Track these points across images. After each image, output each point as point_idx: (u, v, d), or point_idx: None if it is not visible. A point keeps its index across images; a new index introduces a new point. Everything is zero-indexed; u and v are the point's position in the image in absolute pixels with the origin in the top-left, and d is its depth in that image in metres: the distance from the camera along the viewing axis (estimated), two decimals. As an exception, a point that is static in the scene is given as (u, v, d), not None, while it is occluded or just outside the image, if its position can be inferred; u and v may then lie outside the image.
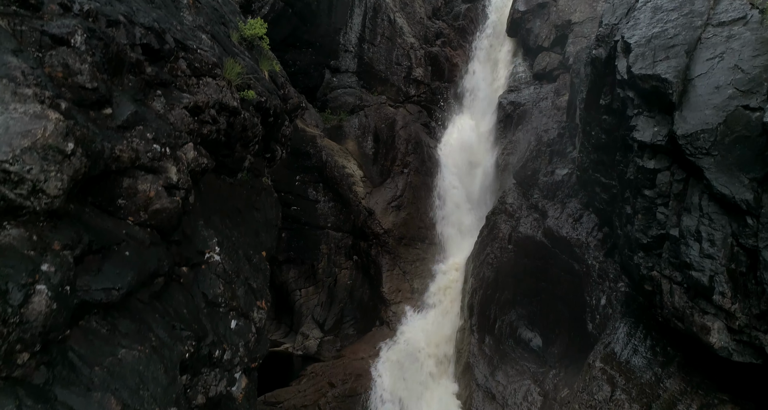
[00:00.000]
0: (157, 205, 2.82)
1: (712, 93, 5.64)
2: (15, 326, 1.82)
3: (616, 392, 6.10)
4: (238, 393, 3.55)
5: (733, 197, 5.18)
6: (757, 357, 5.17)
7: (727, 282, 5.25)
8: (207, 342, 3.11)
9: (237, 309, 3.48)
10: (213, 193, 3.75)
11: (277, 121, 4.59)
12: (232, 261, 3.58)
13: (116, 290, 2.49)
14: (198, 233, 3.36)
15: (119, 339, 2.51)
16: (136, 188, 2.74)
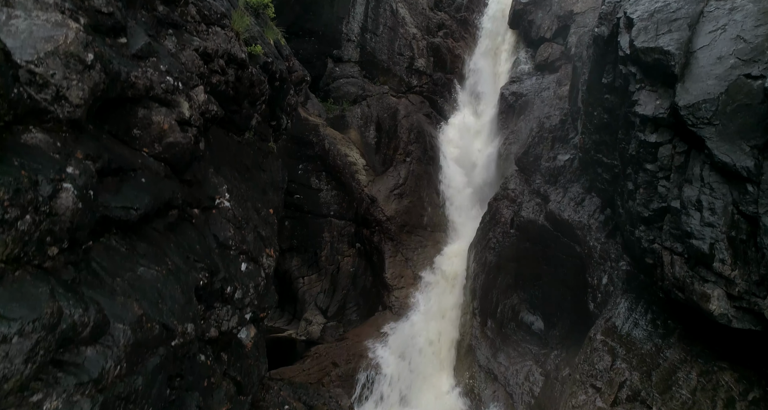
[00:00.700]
0: (171, 138, 2.90)
1: (714, 64, 5.69)
2: (45, 216, 1.89)
3: (617, 361, 6.17)
4: (248, 341, 3.64)
5: (734, 165, 5.24)
6: (756, 324, 5.23)
7: (727, 249, 5.31)
8: (219, 277, 3.19)
9: (247, 253, 3.57)
10: (222, 147, 3.84)
11: (283, 87, 4.66)
12: (242, 209, 3.66)
13: (134, 210, 2.57)
14: (208, 180, 3.44)
15: (138, 258, 2.59)
16: (151, 119, 2.82)
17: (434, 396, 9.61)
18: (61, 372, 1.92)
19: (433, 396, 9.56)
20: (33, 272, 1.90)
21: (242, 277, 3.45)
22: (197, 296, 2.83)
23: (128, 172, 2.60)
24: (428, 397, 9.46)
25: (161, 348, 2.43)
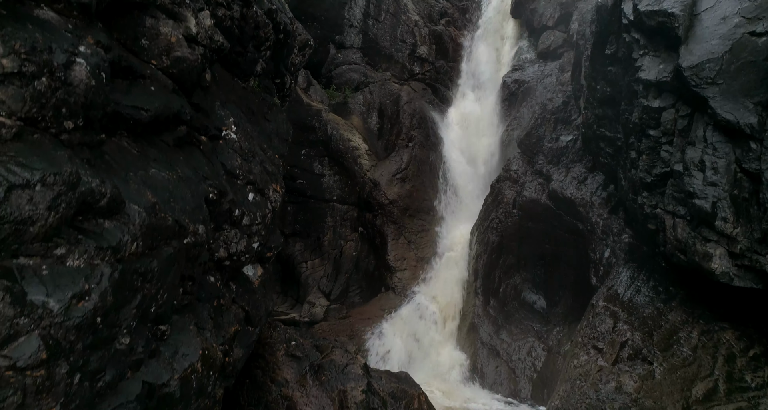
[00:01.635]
0: (178, 52, 2.93)
1: (718, 24, 5.70)
2: (61, 83, 1.93)
3: (619, 324, 6.20)
4: (255, 279, 3.68)
5: (737, 122, 5.25)
6: (758, 282, 5.24)
7: (729, 207, 5.33)
8: (227, 199, 3.23)
9: (254, 184, 3.61)
10: (227, 87, 3.87)
11: (287, 41, 4.69)
12: (248, 144, 3.70)
13: (144, 111, 2.60)
14: (215, 111, 3.48)
15: (149, 161, 2.63)
16: (159, 30, 2.85)
17: (436, 371, 9.66)
18: (81, 235, 1.96)
19: (435, 372, 9.61)
20: (51, 140, 1.95)
21: (250, 205, 3.48)
22: (208, 211, 2.87)
23: (138, 78, 2.63)
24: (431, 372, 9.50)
25: (174, 241, 2.47)
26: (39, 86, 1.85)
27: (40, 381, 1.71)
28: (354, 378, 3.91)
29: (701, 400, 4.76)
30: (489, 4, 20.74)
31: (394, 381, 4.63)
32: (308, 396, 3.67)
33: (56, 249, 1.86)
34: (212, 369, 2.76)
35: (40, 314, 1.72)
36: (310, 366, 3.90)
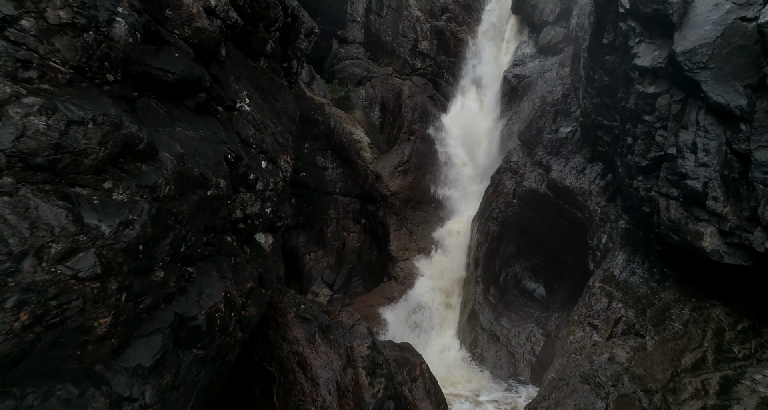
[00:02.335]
0: (199, 23, 3.16)
1: (710, 10, 5.89)
2: (104, 37, 2.16)
3: (613, 302, 6.41)
4: (266, 246, 3.91)
5: (728, 105, 5.45)
6: (747, 259, 5.44)
7: (720, 187, 5.53)
8: (243, 163, 3.45)
9: (266, 153, 3.83)
10: (240, 65, 4.10)
11: (294, 25, 4.92)
12: (261, 116, 3.93)
13: (171, 73, 2.85)
14: (230, 85, 3.71)
15: (175, 120, 2.87)
16: (181, 1, 3.09)
17: (438, 355, 9.88)
18: (124, 174, 2.20)
19: (436, 356, 9.83)
20: (96, 89, 2.18)
21: (263, 172, 3.71)
22: (228, 170, 3.11)
23: (163, 45, 2.87)
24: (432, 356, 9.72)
25: (200, 190, 2.70)
26: (87, 38, 2.09)
27: (96, 292, 1.94)
28: (360, 336, 4.15)
29: (690, 369, 4.97)
30: (490, 0, 20.93)
31: (397, 350, 4.86)
32: (317, 353, 3.91)
33: (104, 183, 2.09)
34: (233, 312, 3.00)
35: (95, 235, 1.95)
36: (319, 326, 4.14)
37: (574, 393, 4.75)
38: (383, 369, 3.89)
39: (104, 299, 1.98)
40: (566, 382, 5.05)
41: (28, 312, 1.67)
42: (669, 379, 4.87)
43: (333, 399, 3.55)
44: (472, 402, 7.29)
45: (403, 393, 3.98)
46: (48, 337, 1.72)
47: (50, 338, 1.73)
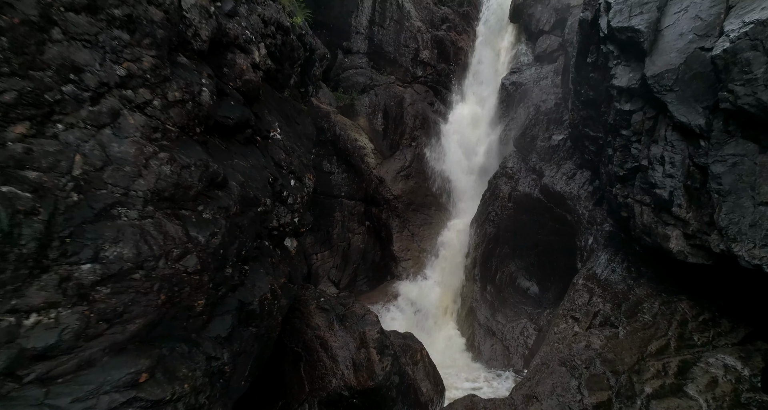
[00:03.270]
0: (247, 76, 3.96)
1: (676, 39, 6.66)
2: (197, 104, 2.97)
3: (594, 298, 7.17)
4: (291, 249, 4.69)
5: (690, 123, 6.22)
6: (708, 259, 6.20)
7: (683, 195, 6.30)
8: (278, 182, 4.24)
9: (294, 173, 4.62)
10: (270, 98, 4.87)
11: (312, 57, 5.71)
12: (289, 142, 4.73)
13: (230, 119, 3.65)
14: (264, 117, 4.49)
15: (232, 154, 3.66)
16: (235, 61, 3.88)
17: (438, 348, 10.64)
18: (209, 199, 2.99)
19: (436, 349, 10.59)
20: (190, 139, 2.97)
21: (292, 189, 4.50)
22: (270, 190, 3.91)
23: (224, 97, 3.67)
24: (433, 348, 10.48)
25: (254, 208, 3.49)
26: (188, 107, 2.87)
27: (196, 283, 2.73)
28: (370, 323, 4.93)
29: (654, 354, 5.72)
30: (489, 10, 21.64)
31: (401, 338, 5.61)
32: (336, 336, 4.69)
33: (199, 207, 2.88)
34: (276, 300, 3.79)
35: (196, 242, 2.74)
36: (336, 315, 4.92)
37: (553, 374, 5.52)
38: (390, 350, 4.67)
39: (200, 287, 2.77)
40: (547, 366, 5.83)
41: (164, 293, 2.45)
42: (635, 362, 5.64)
43: (350, 373, 4.35)
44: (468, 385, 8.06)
45: (406, 371, 4.74)
46: (172, 311, 2.50)
47: (173, 312, 2.51)
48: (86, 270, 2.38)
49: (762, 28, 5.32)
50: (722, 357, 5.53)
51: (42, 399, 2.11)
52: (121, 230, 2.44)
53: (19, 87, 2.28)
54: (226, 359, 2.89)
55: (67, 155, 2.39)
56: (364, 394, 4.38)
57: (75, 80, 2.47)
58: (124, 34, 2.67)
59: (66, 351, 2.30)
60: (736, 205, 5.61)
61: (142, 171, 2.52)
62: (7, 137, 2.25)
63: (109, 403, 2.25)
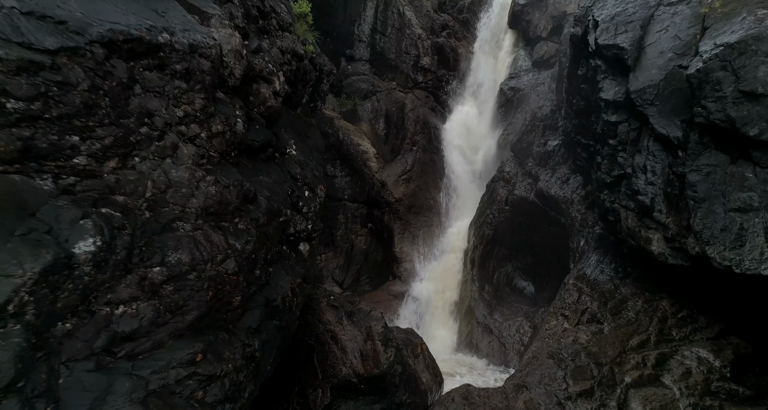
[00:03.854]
0: (269, 102, 4.52)
1: (657, 57, 7.18)
2: (233, 133, 3.52)
3: (582, 296, 7.68)
4: (305, 252, 5.22)
5: (669, 135, 6.74)
6: (686, 260, 6.71)
7: (663, 201, 6.81)
8: (295, 194, 4.78)
9: (308, 185, 5.16)
10: (286, 117, 5.42)
11: (321, 76, 6.26)
12: (303, 157, 5.27)
13: (256, 142, 4.21)
14: (282, 135, 5.04)
15: (258, 171, 4.21)
16: (260, 91, 4.43)
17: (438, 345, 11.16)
18: (243, 212, 3.53)
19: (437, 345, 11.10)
20: (227, 162, 3.51)
21: (306, 199, 5.05)
22: (290, 202, 4.46)
23: (251, 121, 4.21)
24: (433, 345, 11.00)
25: (277, 218, 4.02)
26: (227, 136, 3.42)
27: (234, 282, 3.27)
28: (375, 319, 5.46)
29: (635, 347, 6.24)
30: (488, 16, 22.11)
31: (403, 333, 6.13)
32: (345, 330, 5.22)
33: (235, 219, 3.43)
34: (294, 297, 4.33)
35: (234, 249, 3.28)
36: (345, 312, 5.45)
37: (542, 366, 6.04)
38: (393, 343, 5.20)
39: (237, 286, 3.31)
40: (537, 358, 6.35)
41: (212, 290, 2.98)
42: (617, 355, 6.15)
43: (358, 362, 4.88)
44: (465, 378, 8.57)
45: (408, 362, 5.26)
46: (216, 306, 3.03)
47: (217, 306, 3.03)
48: (156, 272, 2.94)
49: (731, 51, 5.83)
50: (697, 350, 6.05)
51: (130, 370, 2.67)
52: (179, 240, 3.00)
53: (114, 133, 2.85)
54: (257, 346, 3.43)
55: (143, 182, 2.94)
56: (370, 381, 4.91)
57: (148, 123, 3.06)
58: (183, 83, 3.23)
59: (144, 334, 2.87)
60: (710, 211, 6.13)
61: (194, 191, 3.07)
62: (104, 171, 2.81)
63: (176, 376, 2.83)
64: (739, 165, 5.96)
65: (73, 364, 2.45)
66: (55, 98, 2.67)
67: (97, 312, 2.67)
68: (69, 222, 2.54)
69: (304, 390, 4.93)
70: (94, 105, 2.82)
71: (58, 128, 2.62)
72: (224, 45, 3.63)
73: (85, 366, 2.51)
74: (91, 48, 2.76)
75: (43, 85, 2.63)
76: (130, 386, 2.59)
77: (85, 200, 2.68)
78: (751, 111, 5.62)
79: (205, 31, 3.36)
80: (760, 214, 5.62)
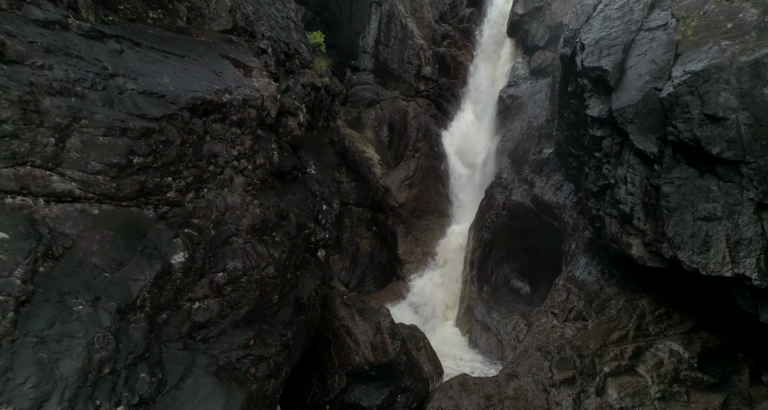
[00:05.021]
0: (295, 132, 5.32)
1: (636, 79, 7.92)
2: (270, 163, 4.31)
3: (571, 296, 8.42)
4: (321, 257, 5.99)
5: (646, 151, 7.48)
6: (663, 263, 7.44)
7: (642, 210, 7.55)
8: (315, 209, 5.57)
9: (326, 199, 5.94)
10: (305, 140, 6.22)
11: (334, 100, 7.04)
12: (321, 175, 6.06)
13: (286, 167, 5.00)
14: (303, 157, 5.82)
15: (286, 191, 5.00)
16: (287, 123, 5.22)
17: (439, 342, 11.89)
18: (278, 227, 4.31)
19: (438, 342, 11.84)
20: (265, 187, 4.30)
21: (324, 212, 5.83)
22: (313, 215, 5.24)
23: (281, 150, 5.01)
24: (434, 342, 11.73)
25: (304, 231, 4.80)
26: (267, 166, 4.22)
27: (273, 284, 4.04)
28: (384, 315, 6.22)
29: (615, 341, 6.97)
30: (487, 26, 22.83)
31: (407, 329, 6.87)
32: (357, 325, 5.99)
33: (273, 233, 4.21)
34: (317, 296, 5.09)
35: (273, 258, 4.06)
36: (357, 309, 6.21)
37: (531, 358, 6.78)
38: (399, 336, 5.95)
39: (275, 287, 4.09)
40: (527, 352, 7.09)
41: (258, 290, 3.75)
42: (598, 348, 6.89)
43: (369, 352, 5.65)
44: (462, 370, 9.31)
45: (412, 353, 5.99)
46: (261, 303, 3.80)
47: (261, 303, 3.80)
48: (220, 276, 3.72)
49: (696, 78, 6.57)
50: (669, 343, 6.78)
51: (205, 350, 3.47)
52: (235, 251, 3.77)
53: (193, 173, 3.66)
54: (290, 336, 4.19)
55: (210, 207, 3.72)
56: (380, 368, 5.68)
57: (214, 162, 3.89)
58: (237, 129, 4.01)
59: (213, 323, 3.65)
60: (681, 219, 6.86)
61: (245, 213, 3.84)
62: (185, 201, 3.61)
63: (236, 356, 3.62)
64: (705, 178, 6.70)
65: (168, 344, 3.23)
66: (160, 152, 3.57)
67: (182, 307, 3.44)
68: (167, 241, 3.33)
69: (323, 375, 5.70)
70: (183, 154, 3.69)
71: (160, 173, 3.43)
72: (263, 93, 4.40)
73: (176, 345, 3.28)
74: (181, 113, 3.61)
75: (154, 144, 3.52)
76: (207, 361, 3.36)
77: (175, 223, 3.47)
78: (713, 132, 6.36)
79: (250, 84, 4.15)
80: (723, 223, 6.35)
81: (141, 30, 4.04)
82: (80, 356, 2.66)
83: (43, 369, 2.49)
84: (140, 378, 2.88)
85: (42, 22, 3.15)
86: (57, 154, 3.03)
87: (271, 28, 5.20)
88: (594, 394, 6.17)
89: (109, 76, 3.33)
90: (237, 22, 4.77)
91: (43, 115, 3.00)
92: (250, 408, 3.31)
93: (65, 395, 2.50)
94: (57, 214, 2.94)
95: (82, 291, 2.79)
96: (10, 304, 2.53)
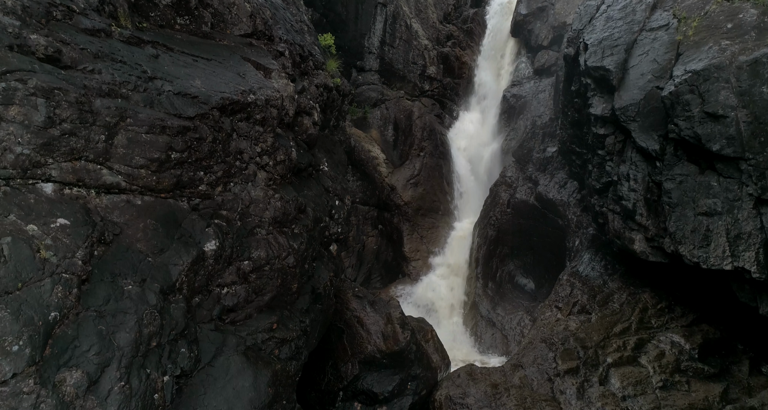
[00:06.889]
0: (311, 131, 5.59)
1: (638, 78, 8.11)
2: (289, 159, 4.57)
3: (574, 290, 8.62)
4: (333, 250, 6.23)
5: (648, 148, 7.67)
6: (664, 258, 7.63)
7: (644, 206, 7.74)
8: (329, 204, 5.83)
9: (338, 195, 6.21)
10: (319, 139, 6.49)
11: (344, 100, 7.31)
12: (333, 172, 6.32)
13: (302, 164, 5.27)
14: (317, 155, 6.08)
15: (303, 187, 5.28)
16: (303, 122, 5.48)
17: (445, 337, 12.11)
18: (297, 220, 4.58)
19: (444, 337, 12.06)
20: (285, 183, 4.57)
21: (337, 207, 6.10)
22: (328, 210, 5.52)
23: (298, 147, 5.27)
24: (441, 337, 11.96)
25: (319, 224, 5.06)
26: (286, 162, 4.49)
27: (293, 273, 4.31)
28: (394, 307, 6.46)
29: (618, 334, 7.17)
30: (492, 25, 22.98)
31: (416, 321, 7.10)
32: (368, 316, 6.24)
33: (292, 225, 4.46)
34: (332, 287, 5.36)
35: (293, 249, 4.32)
36: (368, 301, 6.46)
37: (535, 349, 7.00)
38: (409, 326, 6.19)
39: (295, 276, 4.35)
40: (532, 343, 7.31)
41: (280, 278, 4.03)
42: (601, 340, 7.09)
43: (380, 341, 5.89)
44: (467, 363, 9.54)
45: (421, 344, 6.22)
46: (282, 290, 4.06)
47: (282, 291, 4.06)
48: (246, 264, 3.99)
49: (697, 77, 6.76)
50: (671, 335, 6.98)
51: (234, 331, 3.75)
52: (258, 242, 4.04)
53: (222, 168, 3.97)
54: (308, 323, 4.45)
55: (236, 200, 4.01)
56: (391, 356, 5.92)
57: (240, 158, 4.19)
58: (260, 127, 4.29)
59: (240, 308, 3.93)
60: (682, 215, 7.05)
61: (267, 206, 4.10)
62: (215, 194, 3.90)
63: (261, 338, 3.88)
64: (706, 175, 6.89)
65: (201, 325, 3.51)
66: (194, 148, 3.91)
67: (213, 291, 3.72)
68: (200, 230, 3.61)
69: (336, 363, 5.95)
70: (214, 150, 4.02)
71: (194, 167, 3.73)
72: (283, 93, 4.66)
73: (208, 326, 3.56)
74: (211, 112, 3.93)
75: (189, 141, 3.84)
76: (236, 342, 3.64)
77: (206, 214, 3.75)
78: (713, 129, 6.55)
79: (270, 85, 4.41)
80: (723, 218, 6.54)
81: (170, 35, 4.33)
82: (133, 329, 2.97)
83: (103, 340, 2.80)
84: (181, 352, 3.16)
85: (90, 30, 3.44)
86: (106, 149, 3.35)
87: (287, 32, 5.47)
88: (597, 383, 6.38)
89: (148, 78, 3.65)
90: (257, 26, 5.05)
91: (96, 114, 3.30)
92: (275, 385, 3.58)
93: (122, 362, 2.82)
94: (107, 204, 3.24)
95: (131, 273, 3.08)
96: (74, 282, 2.83)
